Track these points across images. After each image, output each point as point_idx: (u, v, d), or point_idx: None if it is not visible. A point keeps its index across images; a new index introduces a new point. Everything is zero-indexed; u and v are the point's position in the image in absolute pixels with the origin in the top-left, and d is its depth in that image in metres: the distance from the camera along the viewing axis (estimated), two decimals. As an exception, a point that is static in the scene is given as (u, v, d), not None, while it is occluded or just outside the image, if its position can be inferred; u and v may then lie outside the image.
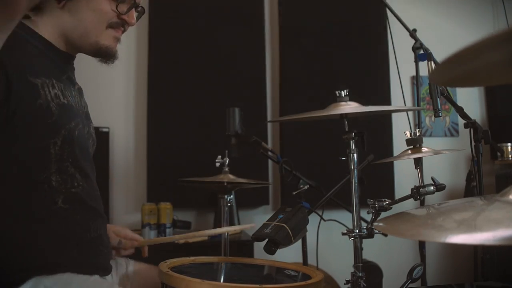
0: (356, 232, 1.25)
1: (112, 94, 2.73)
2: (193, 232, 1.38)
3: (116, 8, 1.10)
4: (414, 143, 1.26)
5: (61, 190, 1.03)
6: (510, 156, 2.75)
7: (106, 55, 1.15)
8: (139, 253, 1.40)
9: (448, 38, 2.41)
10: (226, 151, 1.57)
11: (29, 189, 1.00)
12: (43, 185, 1.00)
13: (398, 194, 2.80)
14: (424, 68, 1.52)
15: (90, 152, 1.19)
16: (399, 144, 2.76)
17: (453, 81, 0.65)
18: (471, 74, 0.60)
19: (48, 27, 1.09)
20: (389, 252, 2.60)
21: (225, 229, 1.48)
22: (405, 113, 2.38)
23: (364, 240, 1.28)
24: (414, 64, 1.76)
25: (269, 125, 2.84)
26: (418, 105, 2.08)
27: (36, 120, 0.99)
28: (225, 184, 1.48)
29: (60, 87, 1.06)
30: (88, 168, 1.13)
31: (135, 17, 1.16)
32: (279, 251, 1.19)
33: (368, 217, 1.32)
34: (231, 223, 2.49)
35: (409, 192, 1.26)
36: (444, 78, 0.65)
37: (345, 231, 1.28)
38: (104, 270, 1.14)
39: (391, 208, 1.25)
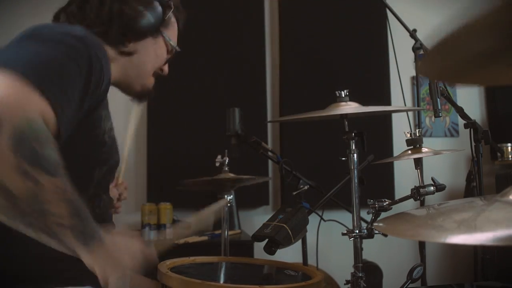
0: (356, 232, 1.25)
1: (112, 94, 2.72)
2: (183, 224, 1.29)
3: (168, 53, 1.15)
4: (414, 143, 1.26)
5: None
6: (510, 156, 2.75)
7: (145, 97, 1.20)
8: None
9: (448, 38, 2.41)
10: (226, 151, 1.57)
11: None
12: None
13: (398, 194, 2.80)
14: (424, 68, 1.52)
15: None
16: (399, 144, 2.76)
17: (442, 74, 0.64)
18: (462, 67, 0.59)
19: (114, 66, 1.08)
20: (389, 252, 2.60)
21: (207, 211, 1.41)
22: (405, 113, 2.37)
23: (364, 240, 1.28)
24: (414, 64, 1.76)
25: (269, 125, 2.84)
26: (418, 105, 2.08)
27: (90, 148, 1.00)
28: (225, 181, 1.48)
29: (110, 119, 1.08)
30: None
31: None
32: (279, 251, 1.19)
33: (368, 217, 1.32)
34: (231, 223, 2.49)
35: (409, 192, 1.26)
36: (433, 69, 0.64)
37: (345, 231, 1.28)
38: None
39: (391, 208, 1.25)
